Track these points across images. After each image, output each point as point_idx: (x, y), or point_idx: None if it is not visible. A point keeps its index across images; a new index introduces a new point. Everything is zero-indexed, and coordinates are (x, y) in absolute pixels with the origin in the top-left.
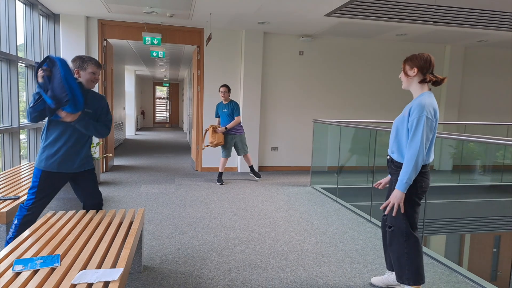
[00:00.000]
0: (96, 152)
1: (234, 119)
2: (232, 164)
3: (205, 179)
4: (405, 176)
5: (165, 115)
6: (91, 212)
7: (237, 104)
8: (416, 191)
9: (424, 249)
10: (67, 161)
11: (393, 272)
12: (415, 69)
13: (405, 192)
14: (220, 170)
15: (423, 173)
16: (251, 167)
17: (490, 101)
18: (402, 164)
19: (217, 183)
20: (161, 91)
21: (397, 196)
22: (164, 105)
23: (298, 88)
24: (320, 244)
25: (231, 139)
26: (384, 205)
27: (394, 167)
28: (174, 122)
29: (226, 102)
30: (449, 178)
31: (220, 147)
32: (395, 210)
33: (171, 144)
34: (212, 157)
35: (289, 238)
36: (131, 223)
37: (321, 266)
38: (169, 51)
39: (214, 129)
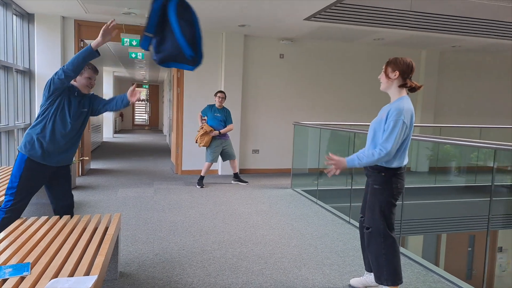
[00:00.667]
0: None
1: (226, 125)
2: (212, 167)
3: (185, 182)
4: (360, 161)
5: (144, 117)
6: (65, 217)
7: (230, 111)
8: (392, 192)
9: (402, 249)
10: (54, 155)
11: (371, 273)
12: (397, 73)
13: (348, 167)
14: (202, 174)
15: (399, 174)
16: (236, 174)
17: (464, 104)
18: (379, 166)
19: (197, 186)
20: (141, 93)
21: (342, 163)
22: (144, 107)
23: (279, 90)
24: (300, 247)
25: (220, 144)
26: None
27: (371, 169)
28: (154, 125)
29: (220, 108)
30: (425, 179)
31: (207, 151)
32: (330, 173)
33: (150, 147)
34: (193, 159)
35: (269, 241)
36: (106, 229)
37: (301, 269)
38: (148, 52)
39: (206, 131)
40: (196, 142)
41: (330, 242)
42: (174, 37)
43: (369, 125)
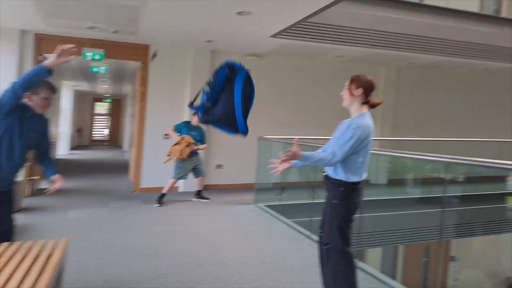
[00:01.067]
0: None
1: (202, 143)
2: None
3: (143, 201)
4: (312, 157)
5: (104, 132)
6: (3, 245)
7: (205, 131)
8: (350, 207)
9: (360, 264)
10: (3, 178)
11: None
12: (361, 90)
13: (301, 160)
14: (164, 191)
15: (356, 189)
16: (200, 191)
17: (420, 118)
18: (338, 180)
19: (156, 205)
20: (102, 107)
21: (296, 154)
22: (104, 122)
23: None
24: (260, 266)
25: (192, 161)
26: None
27: (330, 183)
28: (114, 140)
29: (196, 126)
30: (384, 192)
31: (176, 167)
32: (280, 168)
33: (108, 164)
34: (154, 176)
35: (229, 261)
36: (50, 256)
37: None
38: (112, 66)
39: (189, 143)
40: (168, 155)
41: (290, 259)
42: (229, 107)
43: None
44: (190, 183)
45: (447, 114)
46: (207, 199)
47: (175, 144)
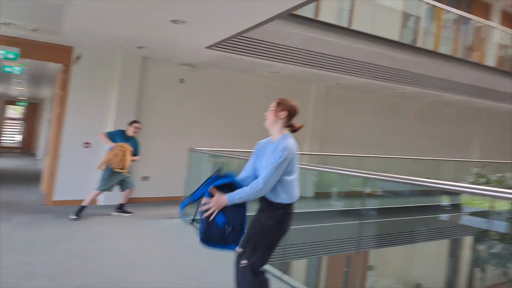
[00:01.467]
0: None
1: (135, 155)
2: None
3: (55, 215)
4: (240, 196)
5: (16, 138)
6: None
7: (139, 143)
8: (282, 230)
9: (285, 277)
10: None
11: None
12: (285, 113)
13: (229, 204)
14: (85, 204)
15: (289, 214)
16: (123, 205)
17: (346, 135)
18: (278, 203)
19: (73, 217)
20: (15, 111)
21: (221, 201)
22: (17, 127)
23: (177, 116)
24: (182, 283)
25: (121, 174)
26: (204, 202)
27: (268, 205)
28: (27, 147)
29: (131, 136)
30: (310, 204)
31: (102, 178)
32: (213, 216)
33: (18, 173)
34: (70, 187)
35: (149, 280)
36: None
37: None
38: (29, 67)
39: (128, 150)
40: (102, 165)
41: (214, 275)
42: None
43: None
44: (113, 196)
45: (369, 133)
46: (130, 213)
47: (110, 152)
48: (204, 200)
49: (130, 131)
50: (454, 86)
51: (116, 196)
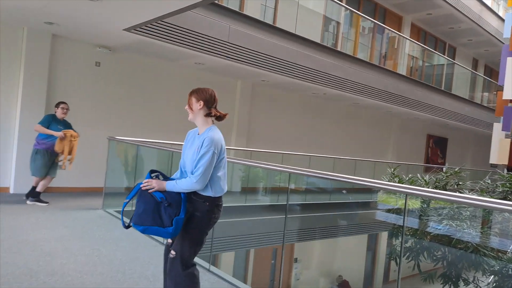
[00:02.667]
0: None
1: None
2: (1, 183)
3: None
4: (176, 188)
5: None
6: None
7: (71, 124)
8: (210, 222)
9: (212, 268)
10: None
11: None
12: (201, 103)
13: (167, 190)
14: (39, 190)
15: (218, 205)
16: (39, 193)
17: (271, 132)
18: (205, 196)
19: (30, 202)
20: None
21: (161, 185)
22: None
23: (93, 101)
24: (106, 274)
25: (52, 158)
26: (145, 181)
27: (195, 197)
28: None
29: (62, 120)
30: (238, 199)
31: (35, 164)
32: (150, 190)
33: None
34: None
35: (69, 271)
36: None
37: None
38: None
39: (74, 136)
40: (64, 153)
41: (141, 267)
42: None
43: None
44: (26, 185)
45: (294, 131)
46: (46, 202)
47: (60, 143)
48: (145, 180)
49: (58, 114)
50: (371, 91)
51: (29, 184)
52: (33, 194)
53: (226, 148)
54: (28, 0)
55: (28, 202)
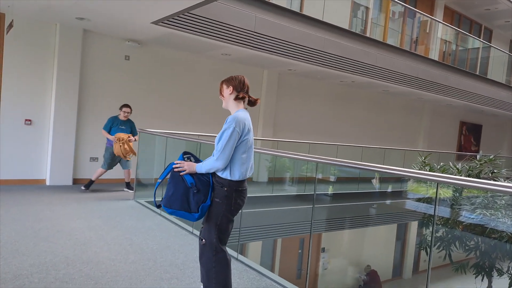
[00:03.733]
0: None
1: (134, 135)
2: (38, 175)
3: (1, 195)
4: (203, 168)
5: None
6: None
7: (134, 122)
8: (230, 207)
9: (240, 257)
10: None
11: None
12: (231, 88)
13: (197, 171)
14: (93, 179)
15: (241, 191)
16: (128, 183)
17: (298, 122)
18: (222, 179)
19: (82, 188)
20: None
21: (192, 167)
22: None
23: (123, 93)
24: (138, 262)
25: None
26: (177, 162)
27: (216, 181)
28: None
29: (124, 120)
30: (265, 189)
31: (105, 157)
32: (182, 172)
33: None
34: (13, 167)
35: (103, 259)
36: None
37: (137, 286)
38: None
39: (123, 139)
40: (124, 157)
41: (171, 255)
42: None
43: (213, 136)
44: (61, 177)
45: (321, 120)
46: (132, 190)
47: (115, 147)
48: (176, 161)
49: (121, 116)
50: (401, 77)
51: (63, 176)
52: (88, 185)
53: (253, 139)
54: None
55: (125, 189)
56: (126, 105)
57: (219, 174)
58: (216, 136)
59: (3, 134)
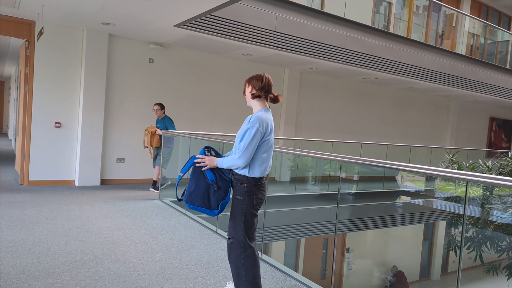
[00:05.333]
0: None
1: None
2: (67, 176)
3: (33, 195)
4: (225, 164)
5: None
6: None
7: (170, 119)
8: (253, 202)
9: (264, 256)
10: None
11: (232, 282)
12: (251, 87)
13: (218, 166)
14: (155, 179)
15: (260, 185)
16: (155, 182)
17: (320, 120)
18: (241, 176)
19: (151, 189)
20: None
21: (212, 161)
22: None
23: (148, 96)
24: (164, 261)
25: (172, 150)
26: (198, 157)
27: (235, 179)
28: None
29: (160, 118)
30: (287, 188)
31: (160, 157)
32: (203, 168)
33: None
34: (43, 168)
35: (130, 258)
36: None
37: (163, 285)
38: None
39: (152, 132)
40: (146, 147)
41: (196, 254)
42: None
43: (235, 136)
44: (88, 177)
45: (343, 119)
46: (157, 190)
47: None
48: (198, 155)
49: (157, 114)
50: (426, 73)
51: (91, 177)
52: (153, 183)
53: (275, 138)
54: (86, 0)
55: (150, 189)
56: (155, 103)
57: (237, 171)
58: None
59: (34, 137)
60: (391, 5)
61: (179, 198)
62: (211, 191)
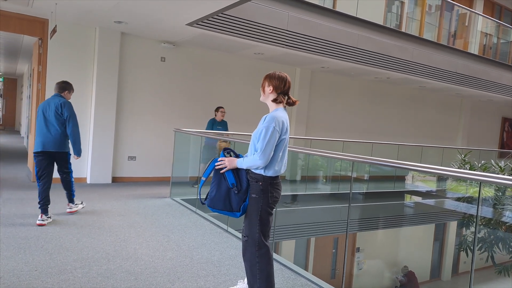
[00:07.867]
0: None
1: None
2: (79, 174)
3: None
4: (244, 164)
5: None
6: None
7: (227, 122)
8: (268, 201)
9: (274, 255)
10: None
11: (245, 281)
12: (271, 87)
13: (238, 166)
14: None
15: (275, 184)
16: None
17: (331, 119)
18: (257, 175)
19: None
20: None
21: (232, 162)
22: None
23: (159, 94)
24: (175, 259)
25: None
26: (219, 160)
27: (251, 178)
28: (10, 124)
29: (220, 121)
30: (298, 187)
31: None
32: (223, 170)
33: (2, 150)
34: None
35: (142, 255)
36: None
37: (174, 283)
38: (3, 40)
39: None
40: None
41: (207, 252)
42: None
43: (249, 134)
44: (100, 175)
45: (355, 118)
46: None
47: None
48: (219, 158)
49: (217, 117)
50: (438, 73)
51: (103, 175)
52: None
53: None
54: (98, 2)
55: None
56: (221, 106)
57: (253, 170)
58: (251, 134)
59: None
60: (403, 4)
61: (203, 202)
62: (232, 194)
